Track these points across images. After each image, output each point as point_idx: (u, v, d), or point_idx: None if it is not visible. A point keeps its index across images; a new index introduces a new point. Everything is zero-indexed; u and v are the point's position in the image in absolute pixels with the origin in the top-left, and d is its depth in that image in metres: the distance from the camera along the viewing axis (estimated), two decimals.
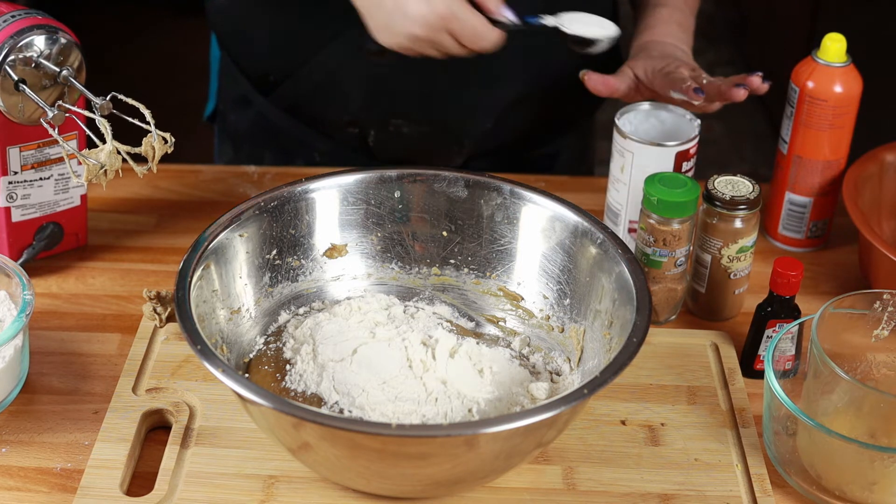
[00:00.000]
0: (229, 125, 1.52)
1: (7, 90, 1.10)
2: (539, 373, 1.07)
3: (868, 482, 0.98)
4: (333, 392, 1.01)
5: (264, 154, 1.49)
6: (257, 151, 1.50)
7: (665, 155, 1.21)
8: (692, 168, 1.24)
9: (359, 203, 1.13)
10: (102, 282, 1.24)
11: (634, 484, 1.01)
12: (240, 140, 1.52)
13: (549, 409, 0.88)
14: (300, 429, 0.91)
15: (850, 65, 1.25)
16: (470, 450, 0.90)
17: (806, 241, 1.33)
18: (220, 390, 1.07)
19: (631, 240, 1.24)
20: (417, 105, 1.39)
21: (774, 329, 1.12)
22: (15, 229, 1.21)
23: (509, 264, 1.13)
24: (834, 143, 1.27)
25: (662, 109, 1.27)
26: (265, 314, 1.10)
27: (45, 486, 1.00)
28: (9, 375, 1.06)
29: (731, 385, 1.11)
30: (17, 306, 1.07)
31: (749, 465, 1.03)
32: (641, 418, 1.08)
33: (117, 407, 1.06)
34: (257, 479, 1.00)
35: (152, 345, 1.13)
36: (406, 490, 0.98)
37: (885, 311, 1.05)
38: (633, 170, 1.23)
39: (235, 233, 1.07)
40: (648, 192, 1.14)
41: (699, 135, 1.23)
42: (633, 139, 1.22)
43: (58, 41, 1.11)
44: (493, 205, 1.13)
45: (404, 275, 1.15)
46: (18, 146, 1.17)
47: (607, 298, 1.04)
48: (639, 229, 1.17)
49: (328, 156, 1.46)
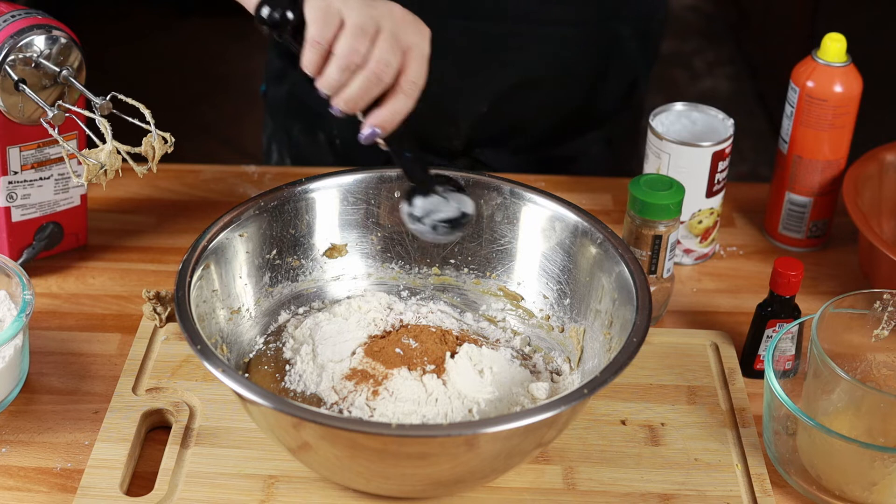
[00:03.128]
0: (270, 99, 1.56)
1: (7, 90, 1.10)
2: (539, 373, 1.07)
3: (868, 482, 0.98)
4: (332, 392, 1.01)
5: (293, 126, 1.52)
6: (288, 122, 1.53)
7: (702, 155, 1.23)
8: (727, 168, 1.25)
9: (359, 203, 1.13)
10: (102, 282, 1.24)
11: (634, 484, 1.01)
12: (277, 113, 1.55)
13: (549, 409, 0.88)
14: (300, 429, 0.91)
15: (850, 65, 1.25)
16: (470, 450, 0.90)
17: (806, 241, 1.33)
18: (220, 390, 1.07)
19: None
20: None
21: (774, 329, 1.12)
22: (15, 229, 1.21)
23: (509, 264, 1.13)
24: (834, 143, 1.27)
25: (694, 110, 1.29)
26: (265, 314, 1.10)
27: (45, 486, 1.00)
28: (9, 375, 1.06)
29: (731, 385, 1.11)
30: (17, 306, 1.07)
31: (749, 465, 1.03)
32: (641, 418, 1.08)
33: (117, 407, 1.06)
34: (257, 479, 1.00)
35: (152, 345, 1.13)
36: (406, 490, 0.98)
37: (885, 311, 1.05)
38: (670, 171, 1.24)
39: (235, 233, 1.07)
40: (633, 195, 1.15)
41: (734, 134, 1.25)
42: (670, 140, 1.23)
43: (58, 41, 1.11)
44: (493, 205, 1.13)
45: (404, 275, 1.15)
46: (18, 146, 1.17)
47: (607, 298, 1.04)
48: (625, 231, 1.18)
49: (344, 128, 1.46)
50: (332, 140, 1.49)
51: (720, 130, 1.27)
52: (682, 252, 1.29)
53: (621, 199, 1.39)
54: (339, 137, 1.49)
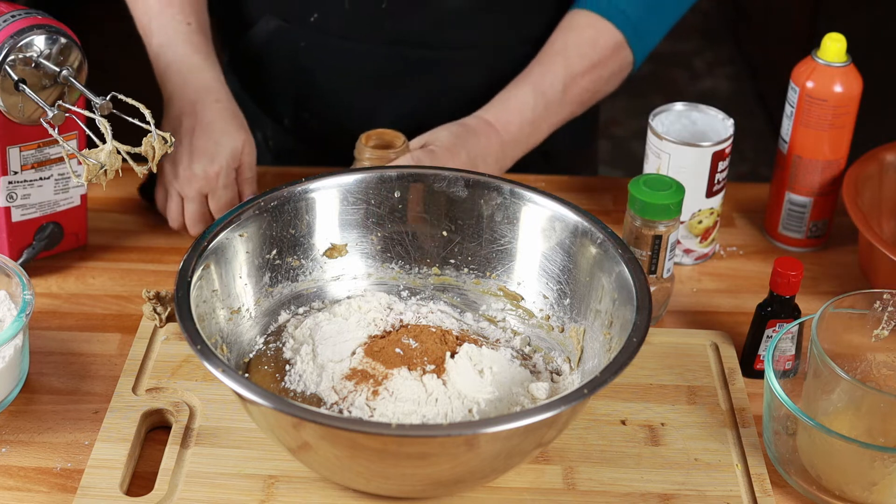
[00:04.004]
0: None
1: (7, 90, 1.10)
2: (539, 373, 1.07)
3: (868, 482, 0.98)
4: (332, 392, 1.01)
5: None
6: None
7: (702, 155, 1.23)
8: (727, 168, 1.25)
9: (359, 203, 1.13)
10: (102, 282, 1.24)
11: (634, 484, 1.01)
12: None
13: (549, 409, 0.88)
14: (300, 429, 0.91)
15: (850, 65, 1.25)
16: (470, 450, 0.90)
17: (806, 241, 1.33)
18: (220, 390, 1.07)
19: None
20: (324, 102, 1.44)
21: (774, 329, 1.12)
22: (15, 229, 1.21)
23: (509, 264, 1.13)
24: (834, 143, 1.27)
25: (694, 110, 1.29)
26: (265, 314, 1.10)
27: (45, 486, 1.00)
28: (9, 375, 1.06)
29: (731, 385, 1.11)
30: (17, 306, 1.07)
31: (749, 465, 1.03)
32: (641, 418, 1.08)
33: (117, 407, 1.06)
34: (257, 479, 1.00)
35: (152, 345, 1.13)
36: (406, 490, 0.98)
37: (885, 311, 1.05)
38: (670, 171, 1.24)
39: (235, 233, 1.07)
40: (633, 195, 1.15)
41: (734, 134, 1.25)
42: (670, 140, 1.23)
43: (58, 41, 1.11)
44: (493, 205, 1.13)
45: (404, 275, 1.15)
46: (18, 146, 1.17)
47: (607, 298, 1.04)
48: (625, 231, 1.18)
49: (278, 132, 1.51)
50: (267, 140, 1.52)
51: (720, 130, 1.27)
52: (682, 252, 1.29)
53: (621, 199, 1.39)
54: (272, 139, 1.51)
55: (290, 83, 1.45)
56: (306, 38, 1.40)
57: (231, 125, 1.25)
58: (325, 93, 1.44)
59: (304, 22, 1.39)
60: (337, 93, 1.43)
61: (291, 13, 1.39)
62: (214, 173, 1.23)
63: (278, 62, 1.44)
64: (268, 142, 1.52)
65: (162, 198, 1.28)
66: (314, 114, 1.46)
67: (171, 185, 1.25)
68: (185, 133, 1.24)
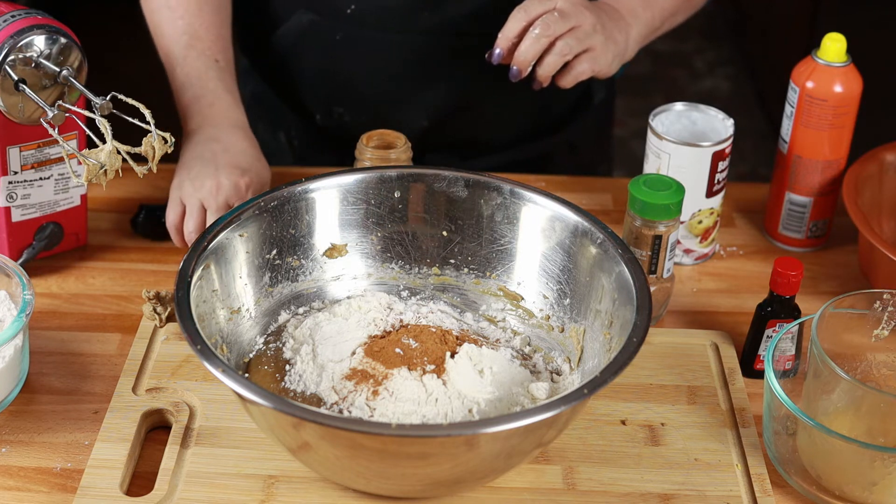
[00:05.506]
0: (241, 96, 1.57)
1: (7, 90, 1.10)
2: (539, 373, 1.07)
3: (868, 482, 0.98)
4: (333, 392, 1.01)
5: (258, 125, 1.54)
6: (252, 122, 1.53)
7: (702, 155, 1.23)
8: (727, 168, 1.25)
9: (359, 203, 1.13)
10: (102, 282, 1.24)
11: (634, 484, 1.01)
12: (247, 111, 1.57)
13: (549, 409, 0.88)
14: (300, 429, 0.91)
15: (850, 65, 1.25)
16: (470, 450, 0.90)
17: (806, 241, 1.33)
18: (220, 390, 1.07)
19: None
20: (358, 95, 1.44)
21: (774, 329, 1.12)
22: (15, 229, 1.21)
23: (509, 264, 1.13)
24: (834, 143, 1.27)
25: (694, 110, 1.29)
26: (265, 314, 1.10)
27: (45, 486, 1.00)
28: (9, 375, 1.06)
29: (731, 385, 1.11)
30: (17, 306, 1.07)
31: (749, 465, 1.03)
32: (641, 418, 1.08)
33: (117, 407, 1.06)
34: (257, 479, 1.00)
35: (152, 345, 1.13)
36: (406, 490, 0.98)
37: (885, 311, 1.05)
38: (670, 171, 1.24)
39: (235, 233, 1.07)
40: (633, 195, 1.15)
41: (734, 134, 1.25)
42: (670, 140, 1.23)
43: (58, 41, 1.11)
44: (493, 205, 1.13)
45: (404, 275, 1.15)
46: (18, 146, 1.17)
47: (607, 298, 1.04)
48: (625, 231, 1.18)
49: (302, 130, 1.51)
50: (291, 140, 1.52)
51: (720, 130, 1.27)
52: (682, 252, 1.29)
53: (621, 199, 1.39)
54: (296, 138, 1.51)
55: (324, 78, 1.45)
56: (342, 31, 1.40)
57: (262, 160, 1.27)
58: (360, 85, 1.43)
59: (340, 14, 1.39)
60: (372, 85, 1.43)
61: (326, 6, 1.39)
62: (245, 184, 1.22)
63: (311, 57, 1.44)
64: (291, 142, 1.52)
65: (177, 214, 1.24)
66: (348, 108, 1.46)
67: (192, 197, 1.22)
68: (215, 153, 1.24)
